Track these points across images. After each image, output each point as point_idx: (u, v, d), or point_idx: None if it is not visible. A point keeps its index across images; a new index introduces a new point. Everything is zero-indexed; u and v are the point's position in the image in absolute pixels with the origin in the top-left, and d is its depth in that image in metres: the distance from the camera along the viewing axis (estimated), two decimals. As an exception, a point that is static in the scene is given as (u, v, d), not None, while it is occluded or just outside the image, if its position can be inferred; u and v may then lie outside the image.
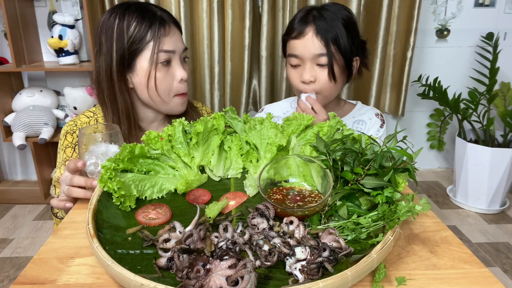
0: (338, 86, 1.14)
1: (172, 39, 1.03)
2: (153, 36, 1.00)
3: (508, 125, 2.26)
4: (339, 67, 1.09)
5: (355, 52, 1.11)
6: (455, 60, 2.57)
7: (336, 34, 1.06)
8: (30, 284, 0.58)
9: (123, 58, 1.00)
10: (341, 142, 0.79)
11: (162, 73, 1.02)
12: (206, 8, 2.18)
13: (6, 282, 1.79)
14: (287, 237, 0.61)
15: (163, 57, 1.01)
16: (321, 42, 1.06)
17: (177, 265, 0.55)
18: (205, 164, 0.87)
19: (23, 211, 2.40)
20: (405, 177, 0.71)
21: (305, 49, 1.08)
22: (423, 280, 0.58)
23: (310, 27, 1.07)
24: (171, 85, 1.05)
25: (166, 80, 1.03)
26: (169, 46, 1.02)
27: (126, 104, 1.05)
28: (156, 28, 1.00)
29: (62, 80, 2.42)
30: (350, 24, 1.09)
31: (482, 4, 2.45)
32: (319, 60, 1.08)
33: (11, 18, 2.06)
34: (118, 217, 0.71)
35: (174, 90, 1.06)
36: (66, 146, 1.07)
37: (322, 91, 1.12)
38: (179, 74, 1.04)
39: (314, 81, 1.10)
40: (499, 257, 1.96)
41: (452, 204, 2.47)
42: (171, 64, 1.04)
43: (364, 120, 1.22)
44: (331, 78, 1.09)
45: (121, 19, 1.00)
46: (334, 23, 1.06)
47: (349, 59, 1.10)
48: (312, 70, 1.10)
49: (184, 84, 1.07)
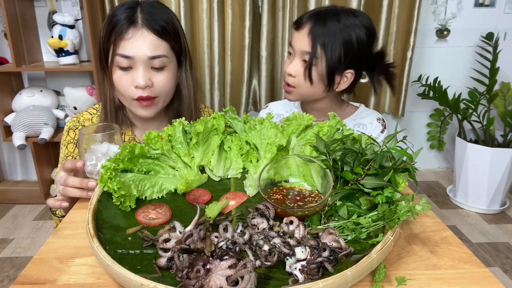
0: (315, 90, 1.13)
1: (134, 44, 0.96)
2: (114, 37, 0.97)
3: (508, 125, 2.26)
4: (317, 72, 1.09)
5: (346, 67, 1.09)
6: (455, 60, 2.57)
7: (327, 42, 1.06)
8: (30, 284, 0.58)
9: (100, 54, 1.02)
10: (341, 142, 0.79)
11: (119, 75, 0.99)
12: (206, 8, 2.18)
13: (6, 282, 1.79)
14: (287, 237, 0.61)
15: (120, 61, 0.97)
16: (310, 42, 1.07)
17: (177, 265, 0.55)
18: (205, 164, 0.87)
19: (23, 211, 2.40)
20: (405, 177, 0.71)
21: (297, 42, 1.11)
22: (423, 280, 0.58)
23: (309, 24, 1.08)
24: (127, 89, 1.00)
25: (122, 83, 0.99)
26: (126, 51, 0.96)
27: (106, 96, 1.05)
28: (118, 29, 0.96)
29: (62, 80, 2.42)
30: (355, 42, 1.06)
31: (482, 4, 2.45)
32: (305, 57, 1.09)
33: (11, 18, 2.06)
34: (118, 217, 0.71)
35: (131, 95, 1.00)
36: (69, 142, 1.08)
37: (298, 87, 1.14)
38: (135, 81, 0.98)
39: (294, 76, 1.12)
40: (499, 257, 1.96)
41: (452, 204, 2.47)
42: (132, 69, 0.99)
43: (365, 124, 1.22)
44: (306, 77, 1.10)
45: (110, 14, 1.00)
46: (332, 33, 1.05)
47: (333, 70, 1.08)
48: (296, 64, 1.12)
49: (142, 91, 0.99)
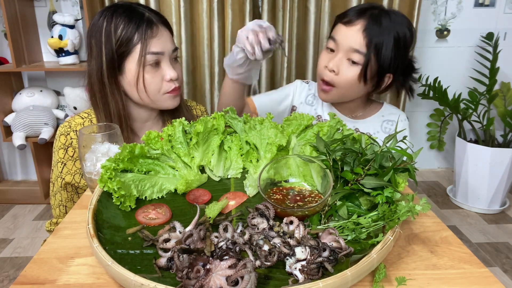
0: (359, 90, 1.10)
1: (160, 40, 1.02)
2: (140, 38, 0.99)
3: (508, 125, 2.26)
4: (370, 73, 1.06)
5: (392, 69, 1.07)
6: (455, 60, 2.57)
7: (382, 42, 1.02)
8: (30, 284, 0.58)
9: (112, 61, 1.00)
10: (341, 142, 0.79)
11: (150, 74, 1.02)
12: (206, 8, 2.18)
13: (6, 282, 1.79)
14: (287, 237, 0.61)
15: (151, 59, 1.00)
16: (363, 40, 1.02)
17: (177, 265, 0.55)
18: (205, 164, 0.87)
19: (23, 211, 2.40)
20: (405, 177, 0.71)
21: (345, 38, 1.05)
22: (423, 280, 0.58)
23: (362, 21, 1.03)
24: (160, 85, 1.04)
25: (155, 81, 1.03)
26: (156, 48, 1.01)
27: (117, 106, 1.04)
28: (143, 30, 0.99)
29: (62, 80, 2.42)
30: (402, 42, 1.04)
31: (482, 4, 2.45)
32: (352, 56, 1.04)
33: (11, 18, 2.06)
34: (118, 217, 0.71)
35: (164, 90, 1.05)
36: (59, 147, 1.06)
37: (339, 87, 1.09)
38: (168, 74, 1.03)
39: (336, 73, 1.07)
40: (499, 257, 1.96)
41: (452, 204, 2.47)
42: (160, 65, 1.03)
43: (394, 121, 1.21)
44: (361, 79, 1.06)
45: (109, 21, 0.99)
46: (386, 32, 1.02)
47: (382, 72, 1.06)
48: (340, 61, 1.06)
49: (174, 82, 1.06)
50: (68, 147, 1.05)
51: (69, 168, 1.05)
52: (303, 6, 2.20)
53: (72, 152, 1.06)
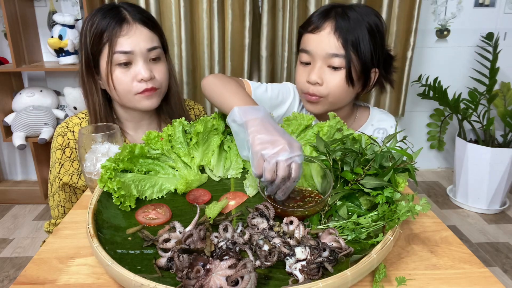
0: (350, 94, 1.03)
1: (131, 39, 0.98)
2: (108, 37, 0.97)
3: (508, 125, 2.26)
4: (356, 73, 0.99)
5: (376, 63, 1.01)
6: (455, 60, 2.57)
7: (358, 37, 0.95)
8: (30, 284, 0.58)
9: (88, 59, 1.00)
10: (341, 142, 0.79)
11: (119, 73, 0.99)
12: (206, 8, 2.18)
13: (6, 282, 1.79)
14: (287, 237, 0.61)
15: (120, 58, 0.98)
16: (338, 42, 0.96)
17: (177, 265, 0.55)
18: (205, 164, 0.87)
19: (23, 211, 2.40)
20: (405, 177, 0.71)
21: (318, 46, 0.98)
22: (423, 280, 0.58)
23: (329, 22, 0.97)
24: (130, 85, 1.00)
25: (125, 80, 1.00)
26: (124, 47, 0.98)
27: (95, 106, 1.04)
28: (112, 29, 0.97)
29: (62, 80, 2.42)
30: (376, 32, 0.98)
31: (482, 4, 2.45)
32: (332, 62, 0.97)
33: (11, 18, 2.06)
34: (118, 217, 0.71)
35: (135, 90, 1.01)
36: (57, 148, 1.06)
37: (329, 96, 1.01)
38: (139, 74, 0.99)
39: (321, 84, 1.00)
40: (499, 257, 1.96)
41: (452, 204, 2.46)
42: (132, 65, 1.00)
43: (385, 128, 1.15)
44: (348, 83, 0.98)
45: (89, 20, 0.99)
46: (358, 25, 0.96)
47: (367, 68, 0.99)
48: (321, 71, 0.99)
49: (146, 83, 1.00)
50: (65, 148, 1.05)
51: (67, 168, 1.05)
52: (303, 6, 2.20)
53: (69, 152, 1.05)
